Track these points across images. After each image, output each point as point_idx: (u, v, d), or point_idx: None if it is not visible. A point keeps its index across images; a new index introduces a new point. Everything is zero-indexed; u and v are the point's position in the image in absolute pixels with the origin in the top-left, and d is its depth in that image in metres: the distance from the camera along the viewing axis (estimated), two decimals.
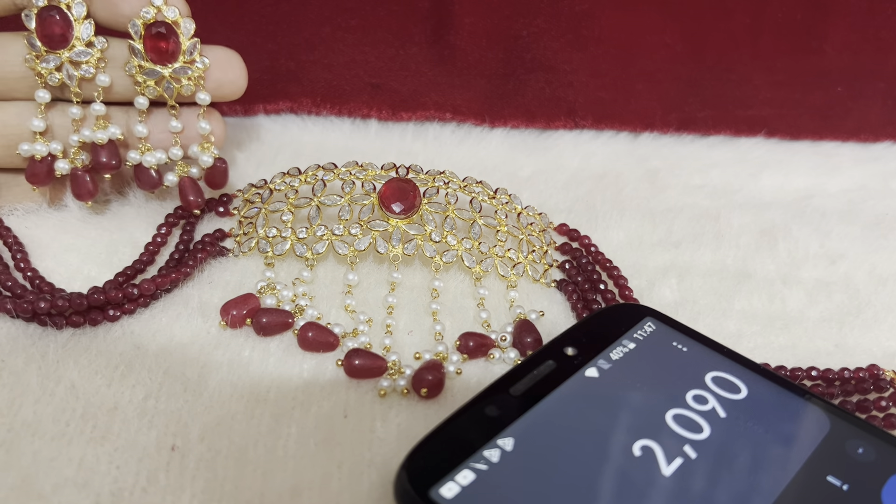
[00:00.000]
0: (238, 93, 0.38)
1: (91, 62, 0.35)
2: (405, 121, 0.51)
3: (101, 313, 0.32)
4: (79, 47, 0.35)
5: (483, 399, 0.26)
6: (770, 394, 0.27)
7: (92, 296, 0.32)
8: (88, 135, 0.36)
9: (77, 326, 0.32)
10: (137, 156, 0.37)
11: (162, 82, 0.36)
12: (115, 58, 0.36)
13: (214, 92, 0.37)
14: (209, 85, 0.37)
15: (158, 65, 0.35)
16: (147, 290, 0.33)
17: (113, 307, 0.32)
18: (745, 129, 0.53)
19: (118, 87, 0.36)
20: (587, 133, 0.52)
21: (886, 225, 0.45)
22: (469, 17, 0.48)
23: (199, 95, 0.36)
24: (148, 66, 0.35)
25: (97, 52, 0.35)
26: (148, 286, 0.33)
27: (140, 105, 0.36)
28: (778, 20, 0.49)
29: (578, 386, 0.27)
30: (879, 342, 0.36)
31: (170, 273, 0.34)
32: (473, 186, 0.39)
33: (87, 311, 0.32)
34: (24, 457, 0.26)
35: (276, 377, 0.31)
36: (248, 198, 0.40)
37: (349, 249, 0.36)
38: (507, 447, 0.24)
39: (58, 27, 0.34)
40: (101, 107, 0.36)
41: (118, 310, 0.33)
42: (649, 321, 0.30)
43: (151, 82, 0.36)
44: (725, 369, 0.28)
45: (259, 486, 0.26)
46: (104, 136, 0.36)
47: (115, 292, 0.32)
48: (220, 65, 0.37)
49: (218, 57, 0.37)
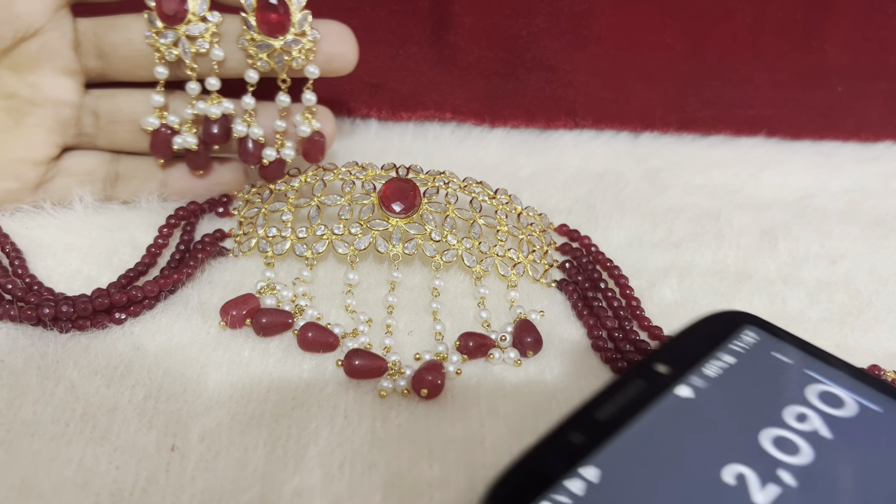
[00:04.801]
0: (349, 67, 0.38)
1: (205, 36, 0.37)
2: (405, 121, 0.51)
3: (108, 316, 0.32)
4: (194, 22, 0.36)
5: (567, 425, 0.24)
6: (887, 412, 0.24)
7: (97, 299, 0.32)
8: (203, 108, 0.38)
9: (83, 330, 0.32)
10: (244, 128, 0.38)
11: (273, 55, 0.37)
12: (229, 32, 0.37)
13: (325, 66, 0.37)
14: (319, 58, 0.37)
15: (269, 37, 0.36)
16: (151, 292, 0.33)
17: (118, 310, 0.32)
18: (746, 129, 0.53)
19: (231, 61, 0.37)
20: (587, 133, 0.52)
21: (887, 225, 0.45)
22: (469, 17, 0.48)
23: (309, 68, 0.37)
24: (260, 38, 0.36)
25: (211, 27, 0.36)
26: (151, 288, 0.33)
27: (250, 79, 0.37)
28: (778, 20, 0.49)
29: (670, 407, 0.24)
30: (880, 342, 0.36)
31: (172, 274, 0.34)
32: (473, 187, 0.39)
33: (93, 315, 0.32)
34: (23, 457, 0.26)
35: (276, 377, 0.31)
36: (248, 198, 0.40)
37: (349, 249, 0.36)
38: (593, 478, 0.22)
39: (174, 3, 0.36)
40: (216, 81, 0.37)
41: (124, 312, 0.33)
42: (748, 329, 0.27)
43: (263, 55, 0.37)
44: (833, 381, 0.25)
45: (259, 487, 0.26)
46: (217, 110, 0.38)
47: (120, 295, 0.32)
48: (331, 38, 0.37)
49: (329, 30, 0.37)
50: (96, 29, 0.37)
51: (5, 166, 0.36)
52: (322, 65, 0.37)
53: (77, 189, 0.39)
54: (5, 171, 0.36)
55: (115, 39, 0.37)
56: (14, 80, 0.36)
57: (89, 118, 0.38)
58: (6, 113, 0.36)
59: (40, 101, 0.37)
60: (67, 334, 0.32)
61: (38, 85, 0.36)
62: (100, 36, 0.37)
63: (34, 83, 0.36)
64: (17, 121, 0.36)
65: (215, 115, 0.38)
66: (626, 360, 0.33)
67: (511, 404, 0.30)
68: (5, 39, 0.35)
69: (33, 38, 0.35)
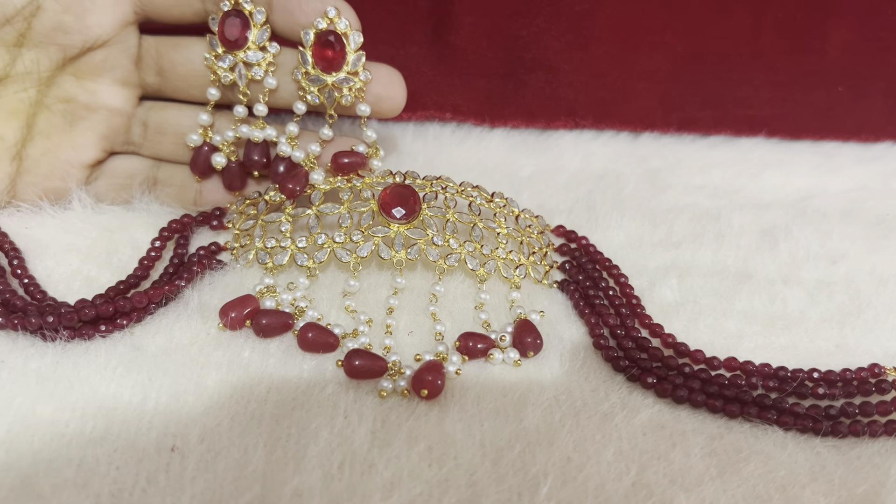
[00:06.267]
0: (396, 110, 0.39)
1: (262, 65, 0.38)
2: (405, 121, 0.51)
3: (111, 323, 0.32)
4: (253, 50, 0.37)
5: None
6: None
7: (82, 310, 0.31)
8: (246, 131, 0.39)
9: (89, 339, 0.32)
10: (288, 149, 0.39)
11: (324, 90, 0.38)
12: (285, 64, 0.38)
13: (373, 105, 0.38)
14: (368, 98, 0.38)
15: (323, 73, 0.37)
16: (140, 303, 0.32)
17: (104, 322, 0.32)
18: (746, 129, 0.53)
19: (283, 91, 0.39)
20: (587, 133, 0.52)
21: (887, 225, 0.45)
22: (469, 17, 0.48)
23: (360, 107, 0.38)
24: (314, 73, 0.37)
25: (269, 56, 0.38)
26: (140, 299, 0.32)
27: (298, 110, 0.39)
28: (778, 20, 0.49)
29: None
30: (880, 342, 0.36)
31: (162, 286, 0.34)
32: (470, 190, 0.39)
33: (95, 322, 0.32)
34: (23, 457, 0.26)
35: (276, 378, 0.31)
36: (243, 210, 0.39)
37: (352, 257, 0.36)
38: None
39: (237, 29, 0.37)
40: (264, 107, 0.39)
41: (125, 318, 0.32)
42: None
43: (315, 89, 0.38)
44: None
45: (259, 488, 0.26)
46: (261, 135, 0.39)
47: (107, 306, 0.32)
48: (382, 81, 0.38)
49: (380, 73, 0.38)
50: (159, 46, 0.39)
51: (54, 166, 0.38)
52: (370, 104, 0.38)
53: (119, 192, 0.40)
54: (54, 171, 0.38)
55: (176, 58, 0.38)
56: (74, 86, 0.38)
57: (138, 128, 0.40)
58: (62, 116, 0.38)
59: (96, 107, 0.38)
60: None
61: (96, 92, 0.38)
62: (161, 53, 0.39)
63: (93, 90, 0.38)
64: (71, 124, 0.38)
65: (258, 139, 0.39)
66: (628, 357, 0.33)
67: (511, 405, 0.30)
68: (74, 48, 0.36)
69: (99, 49, 0.37)
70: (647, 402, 0.31)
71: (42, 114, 0.37)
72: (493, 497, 0.26)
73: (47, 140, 0.37)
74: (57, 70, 0.37)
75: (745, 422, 0.31)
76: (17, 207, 0.38)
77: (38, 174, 0.38)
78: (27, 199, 0.38)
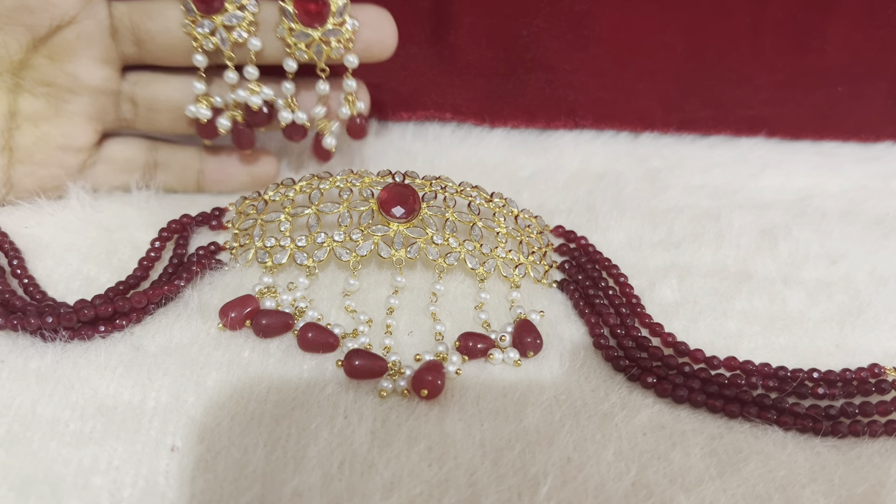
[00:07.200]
0: (388, 53, 0.38)
1: (243, 26, 0.37)
2: (405, 121, 0.51)
3: (111, 324, 0.32)
4: (231, 11, 0.36)
5: None
6: None
7: (81, 311, 0.31)
8: (244, 96, 0.39)
9: (88, 339, 0.32)
10: (289, 114, 0.39)
11: (312, 45, 0.37)
12: (267, 21, 0.37)
13: (363, 53, 0.37)
14: (358, 46, 0.37)
15: (308, 27, 0.36)
16: (139, 304, 0.32)
17: (103, 322, 0.32)
18: (746, 129, 0.53)
19: (269, 50, 0.38)
20: (587, 133, 0.52)
21: (887, 225, 0.45)
22: (469, 17, 0.48)
23: (348, 58, 0.37)
24: (298, 28, 0.37)
25: (249, 16, 0.36)
26: (139, 299, 0.32)
27: (289, 68, 0.38)
28: (778, 20, 0.49)
29: None
30: (880, 342, 0.36)
31: (162, 286, 0.34)
32: (469, 190, 0.39)
33: (94, 322, 0.32)
34: (24, 457, 0.26)
35: (276, 378, 0.31)
36: (242, 209, 0.39)
37: (351, 255, 0.36)
38: None
39: None
40: (255, 70, 0.38)
41: (124, 318, 0.32)
42: None
43: (302, 45, 0.37)
44: None
45: (259, 488, 0.26)
46: (258, 99, 0.39)
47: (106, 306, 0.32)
48: (371, 25, 0.37)
49: (368, 17, 0.37)
50: (132, 15, 0.37)
51: (48, 154, 0.37)
52: (360, 52, 0.37)
53: (118, 176, 0.39)
54: (48, 158, 0.37)
55: (152, 27, 0.37)
56: (52, 69, 0.36)
57: (127, 105, 0.39)
58: (46, 101, 0.37)
59: (78, 89, 0.37)
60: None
61: (75, 74, 0.37)
62: (136, 23, 0.37)
63: (71, 72, 0.37)
64: (56, 109, 0.37)
65: (256, 104, 0.38)
66: (629, 356, 0.33)
67: (511, 405, 0.30)
68: (41, 28, 0.35)
69: (69, 26, 0.36)
70: (647, 401, 0.31)
71: (24, 100, 0.36)
72: (493, 497, 0.26)
73: (36, 128, 0.37)
74: (29, 52, 0.36)
75: (745, 422, 0.31)
76: (15, 205, 0.38)
77: (33, 163, 0.37)
78: (25, 189, 0.37)
